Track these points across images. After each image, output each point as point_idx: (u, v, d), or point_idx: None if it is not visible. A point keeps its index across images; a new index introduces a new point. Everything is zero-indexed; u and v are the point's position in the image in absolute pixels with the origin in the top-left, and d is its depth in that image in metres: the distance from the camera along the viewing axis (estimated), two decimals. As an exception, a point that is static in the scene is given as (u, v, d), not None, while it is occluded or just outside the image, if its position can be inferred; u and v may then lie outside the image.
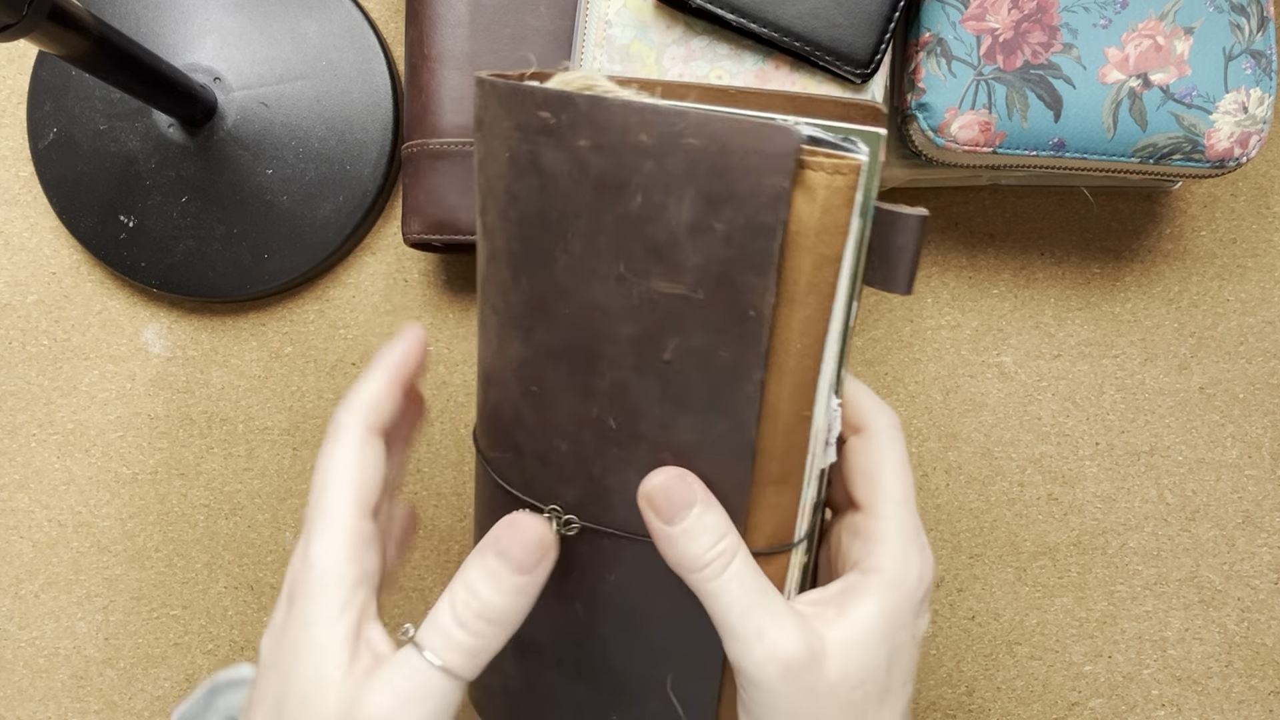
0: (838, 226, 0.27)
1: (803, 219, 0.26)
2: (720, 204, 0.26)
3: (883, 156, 0.29)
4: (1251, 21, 0.46)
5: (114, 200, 0.54)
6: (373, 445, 0.31)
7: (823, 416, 0.30)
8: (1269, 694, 0.53)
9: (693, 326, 0.28)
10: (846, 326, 0.30)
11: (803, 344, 0.28)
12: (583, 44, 0.46)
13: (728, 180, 0.26)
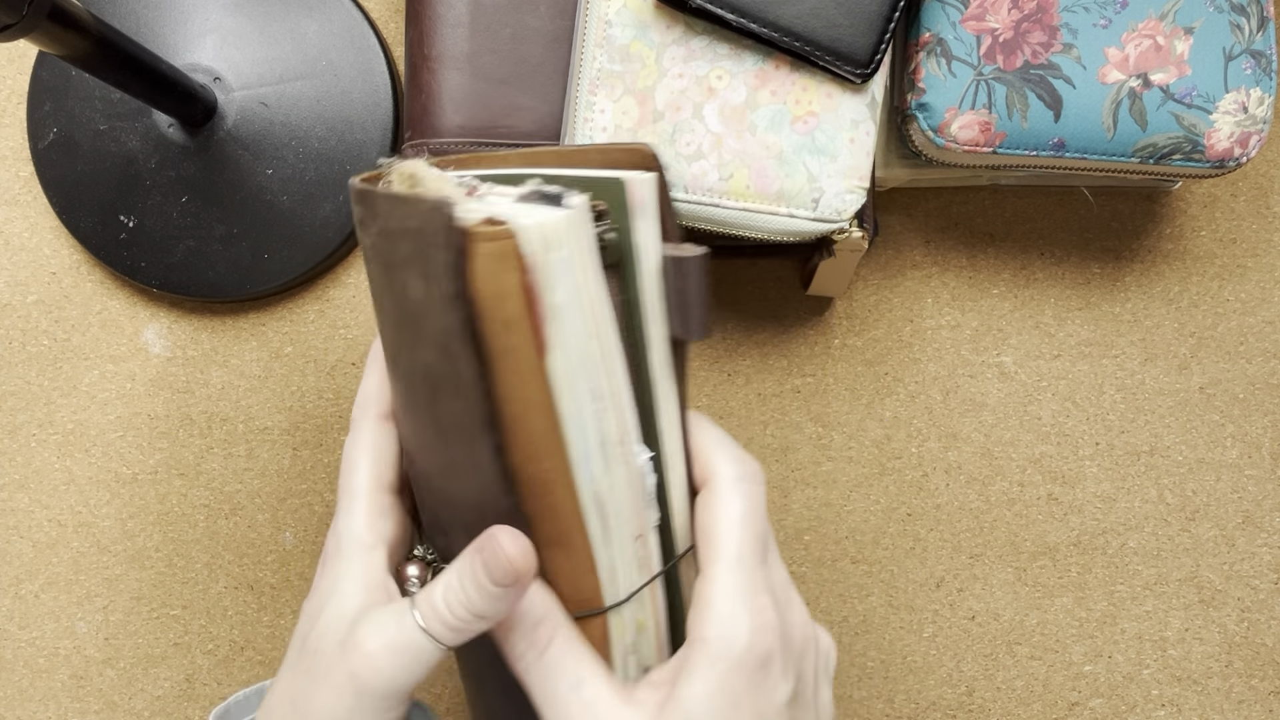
0: (499, 292, 0.27)
1: (479, 288, 0.27)
2: (430, 280, 0.28)
3: (639, 201, 0.30)
4: (1251, 21, 0.46)
5: (114, 200, 0.54)
6: (385, 429, 0.34)
7: (590, 479, 0.30)
8: (1269, 694, 0.53)
9: (444, 392, 0.29)
10: (641, 368, 0.30)
11: (521, 408, 0.28)
12: (583, 44, 0.46)
13: (426, 259, 0.28)
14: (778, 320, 0.55)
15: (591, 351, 0.29)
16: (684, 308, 0.30)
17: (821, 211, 0.44)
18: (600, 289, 0.29)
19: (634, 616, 0.32)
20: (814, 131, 0.44)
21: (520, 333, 0.28)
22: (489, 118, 0.49)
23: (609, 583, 0.31)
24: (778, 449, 0.54)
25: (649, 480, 0.31)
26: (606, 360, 0.29)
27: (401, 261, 0.29)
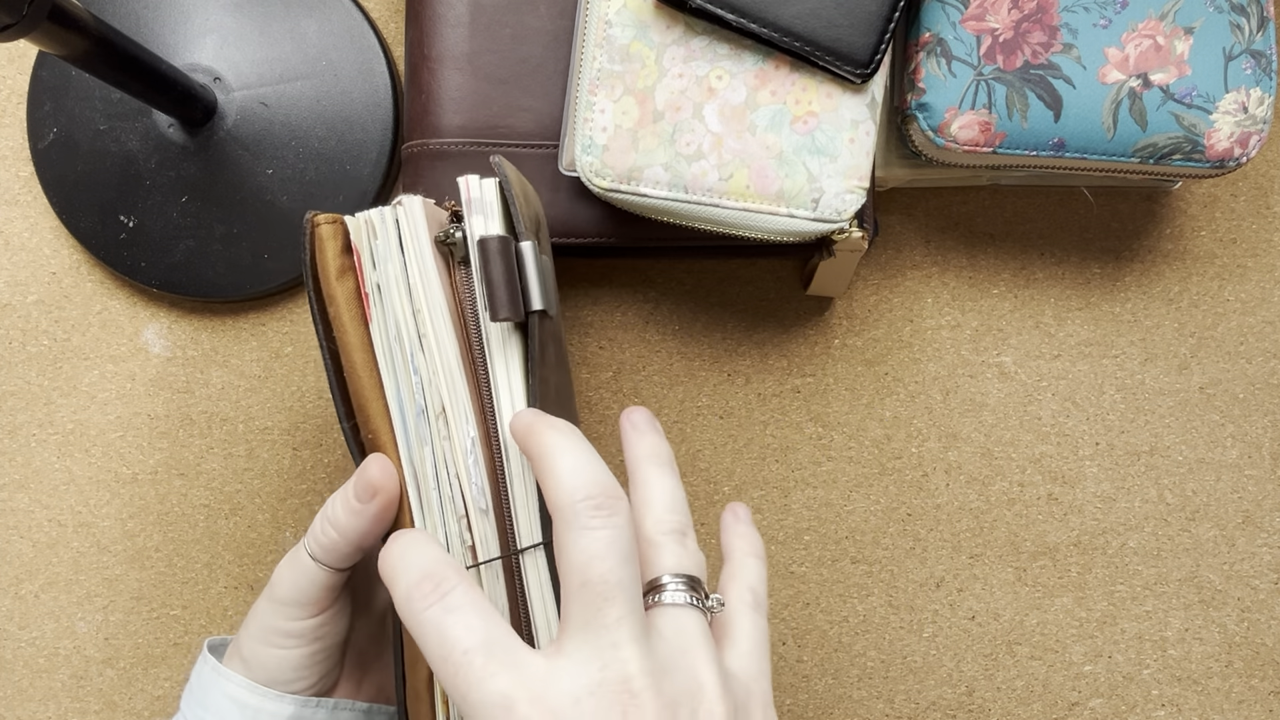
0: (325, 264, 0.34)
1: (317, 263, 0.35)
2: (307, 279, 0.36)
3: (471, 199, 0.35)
4: (1251, 21, 0.46)
5: (114, 200, 0.54)
6: None
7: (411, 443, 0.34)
8: (1269, 694, 0.53)
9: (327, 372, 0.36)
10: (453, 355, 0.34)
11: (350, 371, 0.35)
12: (583, 44, 0.46)
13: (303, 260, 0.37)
14: (778, 320, 0.55)
15: (410, 328, 0.33)
16: (490, 288, 0.33)
17: (821, 211, 0.44)
18: (430, 277, 0.34)
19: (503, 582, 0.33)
20: (814, 131, 0.44)
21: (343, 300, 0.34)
22: (489, 118, 0.49)
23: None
24: (778, 449, 0.54)
25: (468, 459, 0.33)
26: (431, 339, 0.33)
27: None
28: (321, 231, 0.34)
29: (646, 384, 0.55)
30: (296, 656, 0.37)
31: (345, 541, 0.35)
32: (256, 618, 0.37)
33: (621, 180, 0.45)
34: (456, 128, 0.49)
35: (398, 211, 0.34)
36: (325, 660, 0.38)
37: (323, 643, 0.37)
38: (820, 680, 0.54)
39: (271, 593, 0.37)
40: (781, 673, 0.54)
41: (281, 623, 0.37)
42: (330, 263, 0.34)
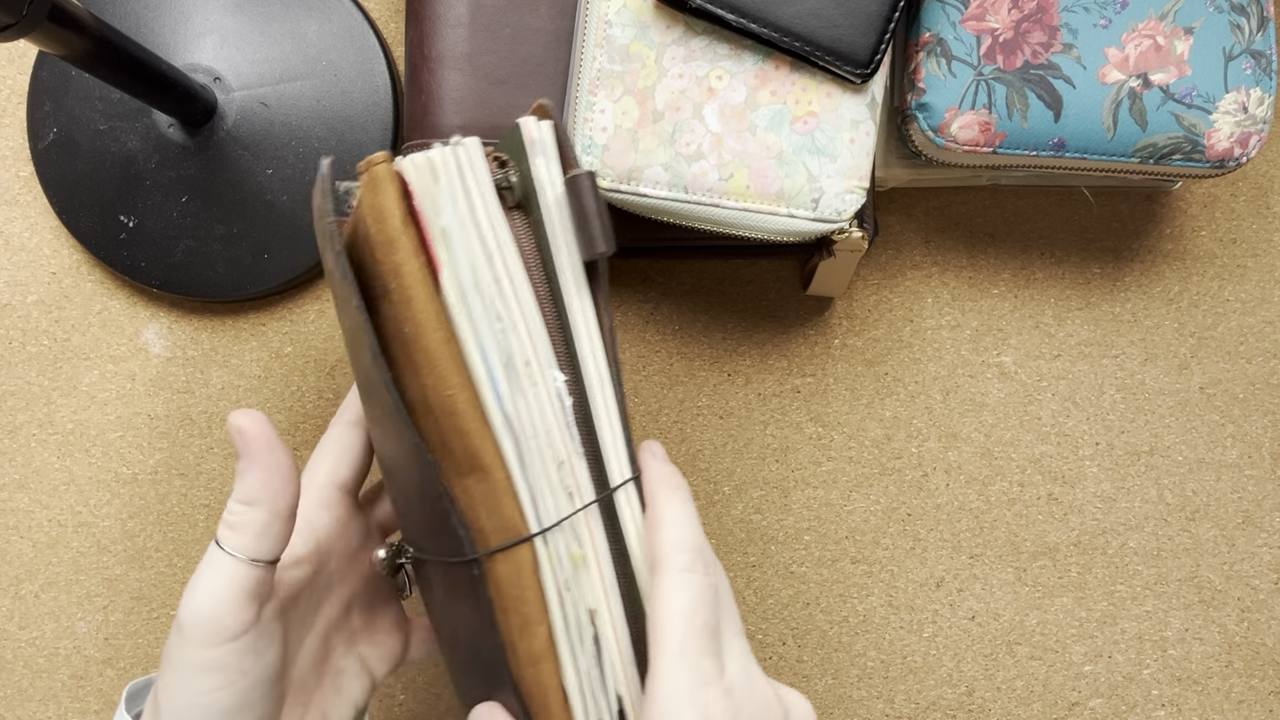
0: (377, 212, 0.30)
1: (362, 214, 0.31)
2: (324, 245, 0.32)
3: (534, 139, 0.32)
4: (1251, 21, 0.46)
5: (114, 200, 0.54)
6: (351, 433, 0.37)
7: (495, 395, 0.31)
8: (1269, 694, 0.53)
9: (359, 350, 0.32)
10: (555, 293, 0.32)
11: (412, 327, 0.30)
12: (583, 44, 0.46)
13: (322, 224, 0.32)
14: (778, 320, 0.55)
15: (486, 274, 0.31)
16: (584, 225, 0.32)
17: (821, 212, 0.44)
18: (498, 219, 0.31)
19: (566, 548, 0.32)
20: (814, 132, 0.44)
21: (405, 250, 0.30)
22: (489, 118, 0.49)
23: (531, 509, 0.31)
24: (778, 449, 0.54)
25: (566, 403, 0.32)
26: (507, 283, 0.31)
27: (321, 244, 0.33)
28: (379, 173, 0.30)
29: (646, 384, 0.55)
30: (225, 700, 0.30)
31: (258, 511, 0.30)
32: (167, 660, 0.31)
33: (621, 180, 0.45)
34: (456, 128, 0.49)
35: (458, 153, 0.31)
36: (260, 701, 0.31)
37: (251, 677, 0.31)
38: (820, 680, 0.54)
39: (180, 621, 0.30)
40: (782, 673, 0.54)
41: (198, 653, 0.30)
42: (393, 206, 0.30)
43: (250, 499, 0.30)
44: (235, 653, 0.30)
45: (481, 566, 0.31)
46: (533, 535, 0.31)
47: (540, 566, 0.31)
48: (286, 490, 0.31)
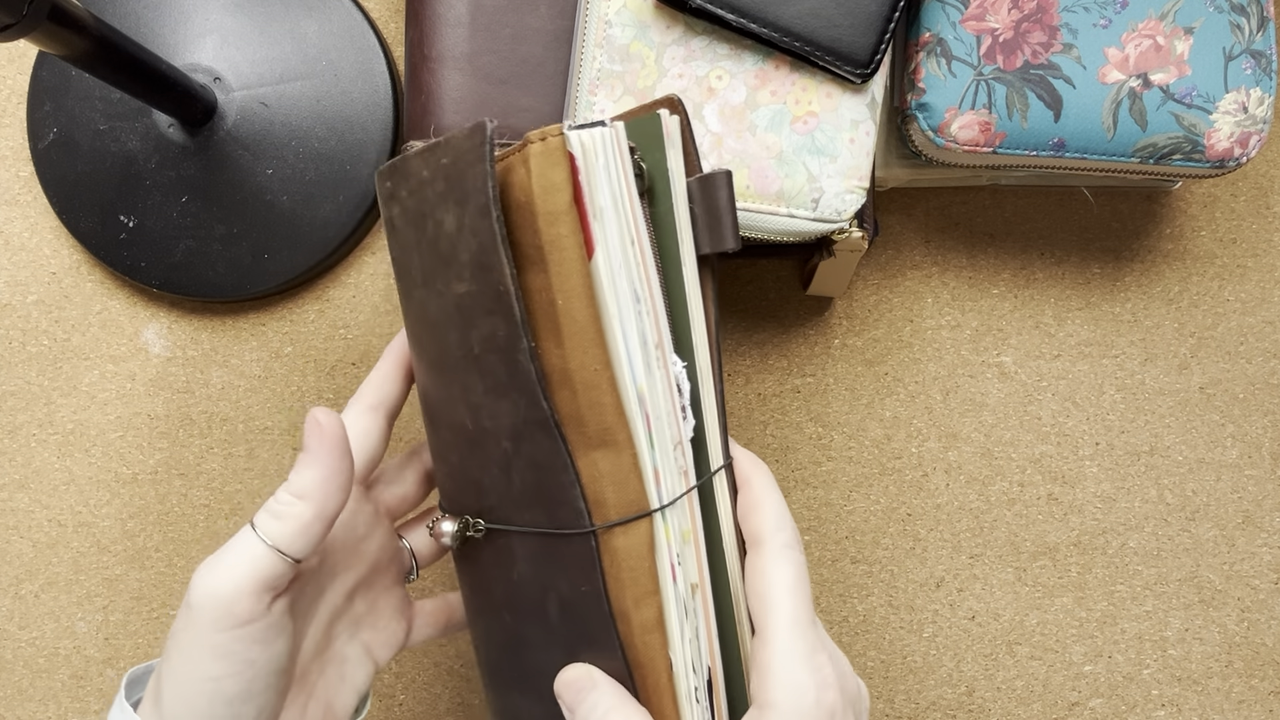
0: (552, 184, 0.30)
1: (522, 188, 0.30)
2: (463, 203, 0.31)
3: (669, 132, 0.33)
4: (1251, 21, 0.46)
5: (114, 200, 0.54)
6: (367, 419, 0.36)
7: (631, 376, 0.31)
8: (1269, 694, 0.53)
9: (479, 316, 0.32)
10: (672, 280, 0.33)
11: (566, 300, 0.31)
12: (583, 44, 0.46)
13: (461, 182, 0.31)
14: (778, 320, 0.55)
15: (631, 255, 0.32)
16: (715, 221, 0.33)
17: (821, 211, 0.44)
18: (637, 204, 0.32)
19: (678, 525, 0.33)
20: (814, 132, 0.44)
21: (568, 225, 0.30)
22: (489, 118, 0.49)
23: (654, 485, 0.32)
24: (778, 449, 0.54)
25: (685, 388, 0.33)
26: (644, 267, 0.32)
27: (434, 202, 0.32)
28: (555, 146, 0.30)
29: (646, 384, 0.55)
30: (229, 688, 0.30)
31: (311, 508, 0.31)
32: (174, 642, 0.30)
33: (621, 180, 0.45)
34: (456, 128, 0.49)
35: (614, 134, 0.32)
36: (264, 692, 0.31)
37: (257, 667, 0.31)
38: (820, 680, 0.54)
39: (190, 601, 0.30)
40: (781, 673, 0.54)
41: (207, 636, 0.30)
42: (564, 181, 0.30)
43: (304, 493, 0.31)
44: (243, 640, 0.30)
45: (598, 539, 0.32)
46: (654, 511, 0.32)
47: (657, 541, 0.32)
48: (339, 497, 0.31)
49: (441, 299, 0.33)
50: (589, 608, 0.32)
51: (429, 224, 0.32)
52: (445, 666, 0.54)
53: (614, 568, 0.32)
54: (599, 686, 0.31)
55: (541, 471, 0.32)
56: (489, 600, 0.36)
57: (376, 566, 0.38)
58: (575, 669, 0.32)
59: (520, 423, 0.32)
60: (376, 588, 0.38)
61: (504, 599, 0.35)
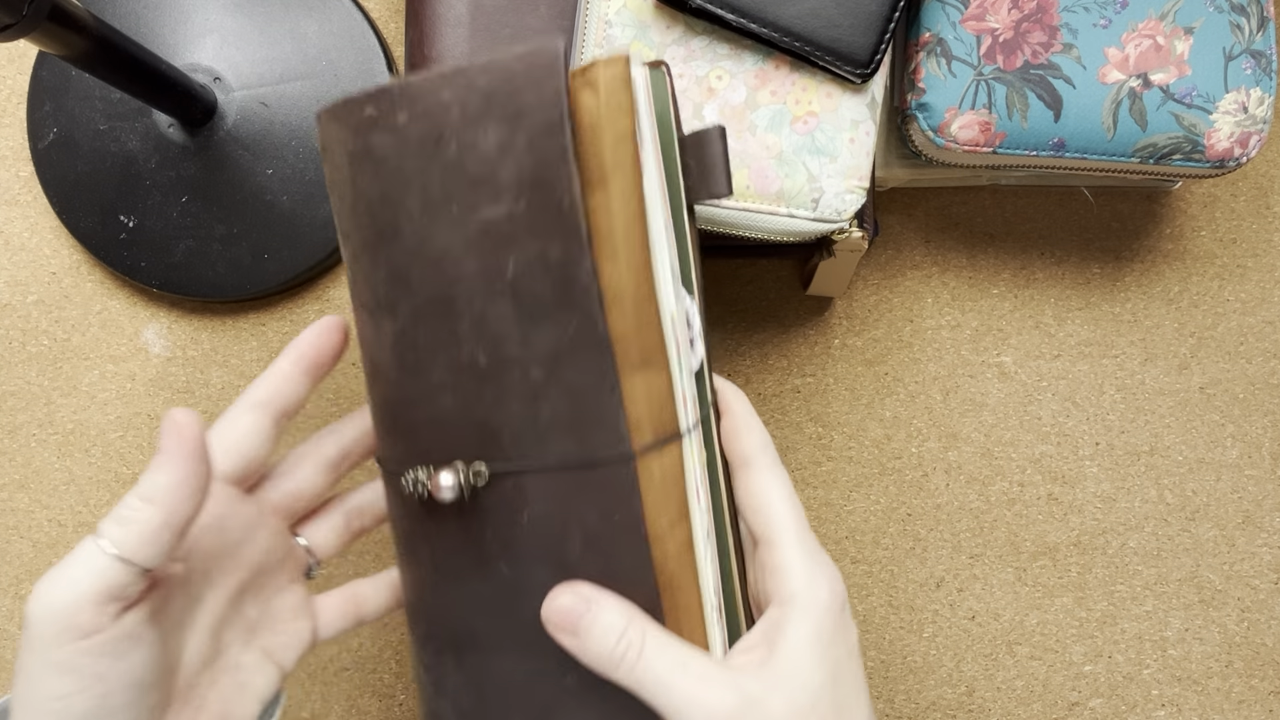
0: (621, 105, 0.31)
1: (590, 109, 0.31)
2: (517, 120, 0.31)
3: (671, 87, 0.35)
4: (1251, 21, 0.46)
5: (114, 200, 0.54)
6: (248, 419, 0.35)
7: (670, 299, 0.32)
8: (1269, 694, 0.53)
9: (523, 237, 0.31)
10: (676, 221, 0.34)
11: (624, 220, 0.31)
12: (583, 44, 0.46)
13: (518, 100, 0.31)
14: (778, 320, 0.55)
15: (660, 184, 0.32)
16: (707, 172, 0.34)
17: (821, 211, 0.44)
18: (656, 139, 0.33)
19: (698, 449, 0.34)
20: (814, 132, 0.44)
21: (629, 146, 0.31)
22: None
23: (681, 409, 0.33)
24: (778, 449, 0.54)
25: (694, 321, 0.34)
26: (667, 199, 0.33)
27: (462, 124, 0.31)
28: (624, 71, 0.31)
29: (646, 384, 0.55)
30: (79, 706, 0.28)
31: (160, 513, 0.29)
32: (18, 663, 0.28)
33: (621, 180, 0.45)
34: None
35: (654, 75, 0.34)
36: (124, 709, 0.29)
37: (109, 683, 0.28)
38: (820, 680, 0.54)
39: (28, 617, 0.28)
40: (781, 673, 0.54)
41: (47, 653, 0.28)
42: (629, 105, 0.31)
43: (152, 498, 0.29)
44: (89, 654, 0.28)
45: (636, 464, 0.32)
46: (684, 434, 0.33)
47: (687, 465, 0.33)
48: (190, 503, 0.29)
49: (457, 227, 0.32)
50: (620, 537, 0.32)
51: (449, 147, 0.31)
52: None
53: (650, 492, 0.32)
54: (602, 603, 0.31)
55: (579, 397, 0.32)
56: (475, 556, 0.34)
57: (263, 569, 0.36)
58: (566, 593, 0.31)
59: (565, 346, 0.31)
60: (268, 590, 0.37)
61: (501, 549, 0.34)
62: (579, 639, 0.31)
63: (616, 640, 0.30)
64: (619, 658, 0.30)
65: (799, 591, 0.32)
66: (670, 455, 0.32)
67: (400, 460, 0.35)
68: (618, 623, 0.31)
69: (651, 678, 0.30)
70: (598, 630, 0.31)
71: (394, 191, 0.32)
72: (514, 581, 0.33)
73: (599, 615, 0.31)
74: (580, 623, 0.31)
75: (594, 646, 0.31)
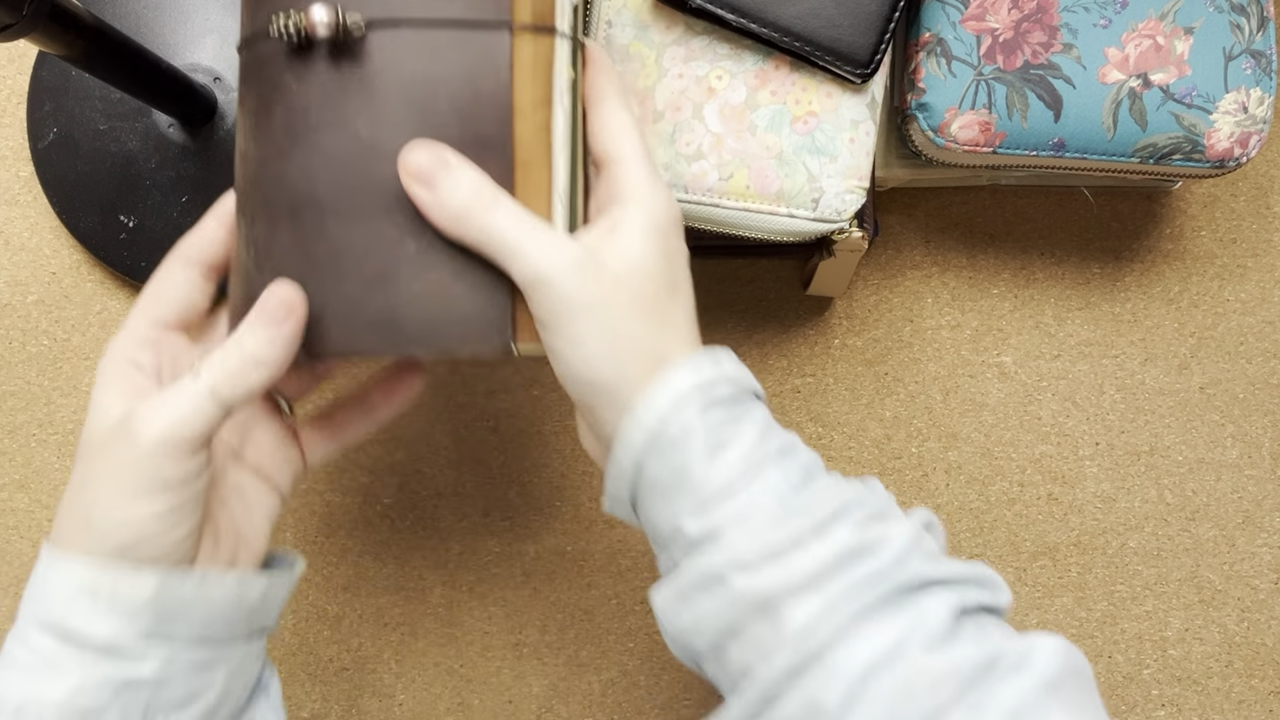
0: None
1: None
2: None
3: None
4: (1251, 21, 0.46)
5: (114, 200, 0.54)
6: (179, 272, 0.38)
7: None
8: (1269, 694, 0.53)
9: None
10: None
11: None
12: (583, 44, 0.46)
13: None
14: (778, 320, 0.55)
15: None
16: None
17: (821, 211, 0.44)
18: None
19: (565, 64, 0.36)
20: (814, 131, 0.44)
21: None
22: None
23: (560, 13, 0.35)
24: (778, 449, 0.54)
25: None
26: None
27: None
28: None
29: (646, 384, 0.55)
30: (163, 507, 0.31)
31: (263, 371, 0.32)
32: (106, 474, 0.32)
33: (621, 180, 0.45)
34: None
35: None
36: (192, 514, 0.33)
37: (193, 489, 0.32)
38: (820, 680, 0.54)
39: (138, 438, 0.31)
40: (781, 673, 0.54)
41: (160, 468, 0.31)
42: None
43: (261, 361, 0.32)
44: (181, 475, 0.32)
45: (513, 34, 0.34)
46: (559, 32, 0.35)
47: (557, 59, 0.35)
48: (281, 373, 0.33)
49: None
50: (485, 104, 0.34)
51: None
52: (445, 666, 0.54)
53: (521, 69, 0.34)
54: (461, 163, 0.33)
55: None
56: (334, 116, 0.34)
57: None
58: (425, 147, 0.33)
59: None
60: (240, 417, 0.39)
61: (363, 107, 0.34)
62: (434, 191, 0.32)
63: (472, 193, 0.32)
64: (471, 208, 0.32)
65: (638, 190, 0.34)
66: (544, 45, 0.35)
67: (268, 15, 0.34)
68: (474, 177, 0.32)
69: (499, 229, 0.32)
70: (453, 181, 0.32)
71: None
72: (370, 142, 0.34)
73: (457, 171, 0.32)
74: (437, 174, 0.32)
75: (448, 197, 0.32)
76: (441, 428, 0.55)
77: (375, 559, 0.54)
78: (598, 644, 0.54)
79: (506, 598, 0.54)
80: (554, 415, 0.55)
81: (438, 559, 0.54)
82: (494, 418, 0.55)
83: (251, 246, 0.36)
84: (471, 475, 0.55)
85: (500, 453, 0.55)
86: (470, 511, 0.55)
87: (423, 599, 0.54)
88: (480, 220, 0.32)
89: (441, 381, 0.55)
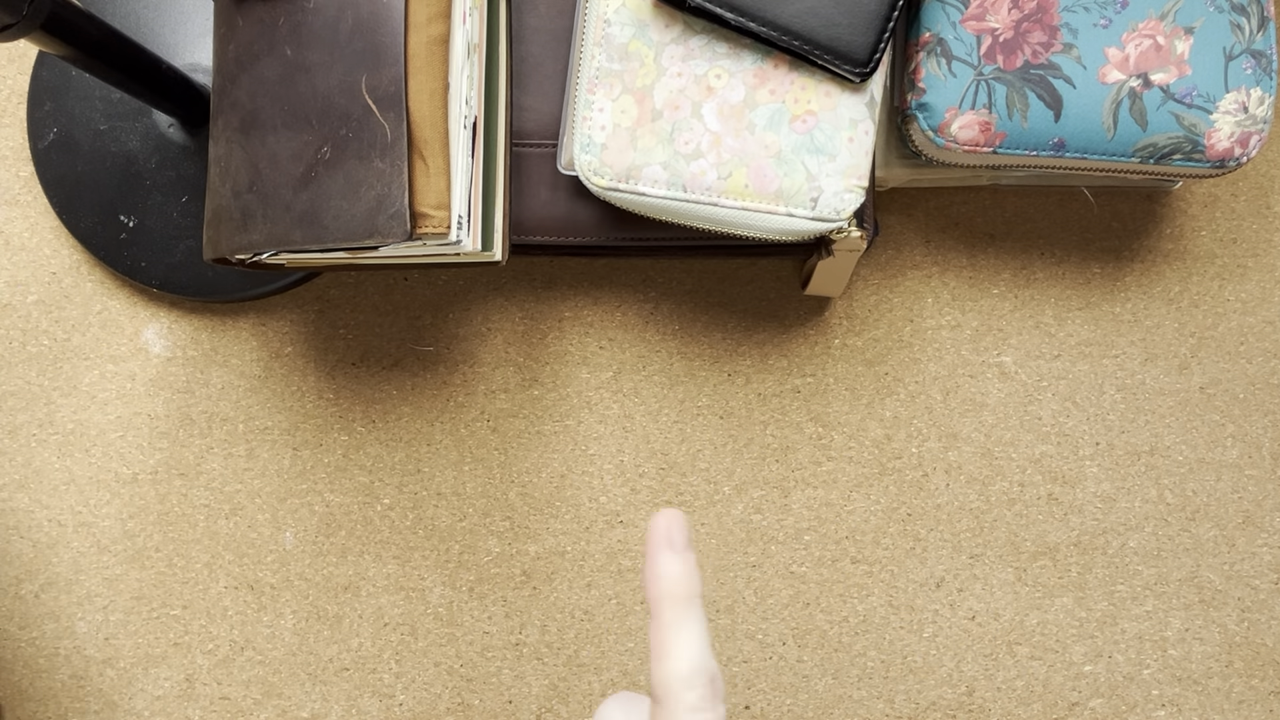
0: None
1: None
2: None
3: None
4: (1251, 21, 0.46)
5: (114, 200, 0.54)
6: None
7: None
8: (1269, 694, 0.53)
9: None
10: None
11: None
12: (582, 43, 0.46)
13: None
14: (778, 320, 0.55)
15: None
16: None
17: (820, 211, 0.44)
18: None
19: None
20: (813, 131, 0.44)
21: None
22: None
23: None
24: (778, 449, 0.54)
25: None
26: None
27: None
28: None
29: (646, 384, 0.55)
30: None
31: None
32: None
33: (620, 179, 0.45)
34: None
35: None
36: None
37: None
38: (820, 680, 0.54)
39: None
40: (782, 672, 0.54)
41: None
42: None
43: None
44: None
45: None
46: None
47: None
48: None
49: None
50: (382, 20, 0.39)
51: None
52: (445, 666, 0.54)
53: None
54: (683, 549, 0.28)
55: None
56: (268, 42, 0.42)
57: None
58: (676, 522, 0.28)
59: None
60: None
61: (290, 33, 0.41)
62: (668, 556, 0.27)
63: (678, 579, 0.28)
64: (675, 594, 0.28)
65: None
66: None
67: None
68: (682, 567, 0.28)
69: (686, 631, 0.27)
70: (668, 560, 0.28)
71: None
72: (295, 61, 0.41)
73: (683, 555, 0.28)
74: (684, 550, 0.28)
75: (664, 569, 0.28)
76: (441, 428, 0.55)
77: (375, 559, 0.54)
78: (598, 644, 0.54)
79: (506, 598, 0.54)
80: (554, 415, 0.55)
81: (438, 559, 0.54)
82: (494, 418, 0.55)
83: (216, 165, 0.44)
84: (471, 475, 0.55)
85: (500, 453, 0.55)
86: (470, 512, 0.55)
87: (423, 599, 0.54)
88: (677, 613, 0.27)
89: (442, 381, 0.55)
